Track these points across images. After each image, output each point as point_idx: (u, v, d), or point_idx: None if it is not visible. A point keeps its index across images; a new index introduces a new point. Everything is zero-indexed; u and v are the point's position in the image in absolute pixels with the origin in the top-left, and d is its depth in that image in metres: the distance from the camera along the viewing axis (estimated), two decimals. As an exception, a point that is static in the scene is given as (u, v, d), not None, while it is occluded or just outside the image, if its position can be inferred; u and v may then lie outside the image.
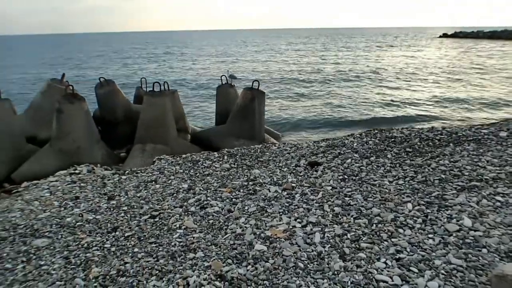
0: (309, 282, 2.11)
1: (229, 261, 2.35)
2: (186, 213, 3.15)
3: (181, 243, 2.64)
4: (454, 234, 2.50)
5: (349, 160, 4.15)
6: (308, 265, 2.28)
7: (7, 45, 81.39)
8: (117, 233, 2.91)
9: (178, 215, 3.12)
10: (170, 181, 4.07)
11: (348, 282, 2.09)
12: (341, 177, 3.68)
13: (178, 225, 2.93)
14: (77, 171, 4.81)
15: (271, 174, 3.96)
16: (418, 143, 4.55)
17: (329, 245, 2.48)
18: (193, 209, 3.22)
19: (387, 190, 3.27)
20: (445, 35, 69.88)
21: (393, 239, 2.50)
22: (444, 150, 4.22)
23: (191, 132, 7.01)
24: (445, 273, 2.11)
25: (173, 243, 2.65)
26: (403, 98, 12.80)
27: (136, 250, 2.61)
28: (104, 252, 2.62)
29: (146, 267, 2.36)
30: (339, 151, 4.57)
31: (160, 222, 3.03)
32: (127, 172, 4.64)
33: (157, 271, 2.31)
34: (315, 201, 3.18)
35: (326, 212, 2.95)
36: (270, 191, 3.46)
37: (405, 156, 4.16)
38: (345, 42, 61.87)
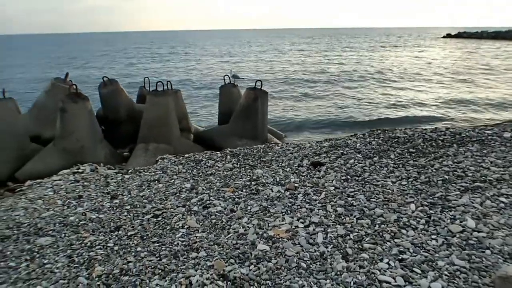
0: (312, 282, 2.11)
1: (232, 260, 2.35)
2: (189, 213, 3.16)
3: (184, 243, 2.64)
4: (457, 235, 2.49)
5: (352, 161, 4.14)
6: (311, 265, 2.28)
7: (8, 44, 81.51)
8: (120, 232, 2.91)
9: (180, 215, 3.12)
10: (173, 180, 4.07)
11: (351, 282, 2.09)
12: (344, 177, 3.67)
13: (180, 225, 2.94)
14: (80, 170, 4.83)
15: (274, 174, 3.95)
16: (422, 144, 4.53)
17: (332, 246, 2.48)
18: (195, 208, 3.23)
19: (390, 191, 3.26)
20: (448, 36, 69.58)
21: (396, 240, 2.49)
22: (447, 151, 4.20)
23: (194, 132, 7.03)
24: (449, 274, 2.11)
25: (175, 243, 2.65)
26: (408, 99, 12.72)
27: (139, 249, 2.61)
28: (107, 251, 2.63)
29: (149, 266, 2.36)
30: (342, 151, 4.56)
31: (163, 222, 3.04)
32: (130, 171, 4.65)
33: (160, 270, 2.31)
34: (317, 201, 3.17)
35: (328, 213, 2.95)
36: (272, 191, 3.45)
37: (408, 156, 4.15)
38: (348, 42, 61.75)
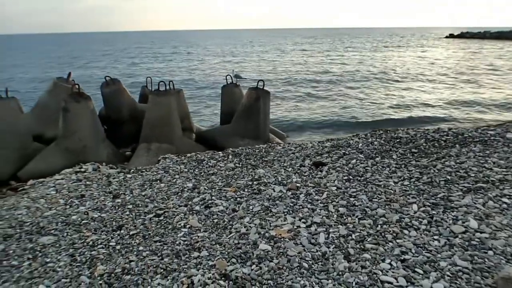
0: (314, 283, 2.10)
1: (234, 260, 2.35)
2: (191, 212, 3.16)
3: (186, 242, 2.64)
4: (459, 236, 2.48)
5: (354, 161, 4.13)
6: (313, 265, 2.27)
7: (8, 44, 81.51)
8: (122, 231, 2.92)
9: (182, 214, 3.12)
10: (175, 180, 4.08)
11: (353, 282, 2.08)
12: (346, 177, 3.67)
13: (182, 224, 2.94)
14: (82, 170, 4.84)
15: (275, 174, 3.95)
16: (424, 144, 4.52)
17: (334, 246, 2.48)
18: (197, 208, 3.23)
19: (392, 191, 3.26)
20: (451, 36, 69.38)
21: (398, 240, 2.49)
22: (450, 151, 4.19)
23: (196, 132, 7.02)
24: (451, 275, 2.10)
25: (177, 242, 2.66)
26: (411, 99, 12.61)
27: (141, 248, 2.62)
28: (109, 250, 2.63)
29: (151, 266, 2.36)
30: (344, 151, 4.56)
31: (165, 221, 3.04)
32: (132, 170, 4.66)
33: (162, 270, 2.31)
34: (319, 201, 3.17)
35: (330, 213, 2.95)
36: (274, 191, 3.45)
37: (411, 157, 4.14)
38: (351, 42, 61.63)
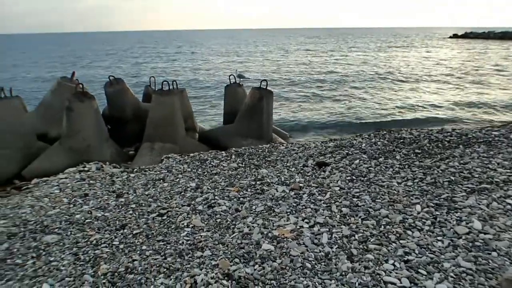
0: (317, 283, 2.10)
1: (237, 260, 2.36)
2: (194, 212, 3.16)
3: (189, 242, 2.65)
4: (463, 237, 2.47)
5: (357, 161, 4.13)
6: (316, 266, 2.27)
7: (10, 44, 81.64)
8: (125, 230, 2.93)
9: (185, 214, 3.13)
10: (178, 179, 4.08)
11: (355, 283, 2.08)
12: (349, 177, 3.66)
13: (185, 224, 2.94)
14: (86, 169, 4.86)
15: (278, 174, 3.95)
16: (427, 145, 4.51)
17: (337, 246, 2.47)
18: (200, 207, 3.23)
19: (396, 192, 3.25)
20: (455, 36, 69.10)
21: (401, 241, 2.48)
22: (453, 152, 4.17)
23: (199, 131, 7.04)
24: (454, 276, 2.09)
25: (180, 241, 2.66)
26: (416, 100, 12.50)
27: (144, 247, 2.63)
28: (112, 249, 2.64)
29: (154, 265, 2.37)
30: (347, 151, 4.55)
31: (168, 220, 3.05)
32: (135, 170, 4.67)
33: (165, 269, 2.32)
34: (322, 201, 3.16)
35: (333, 213, 2.94)
36: (277, 191, 3.45)
37: (414, 157, 4.13)
38: (355, 42, 61.47)
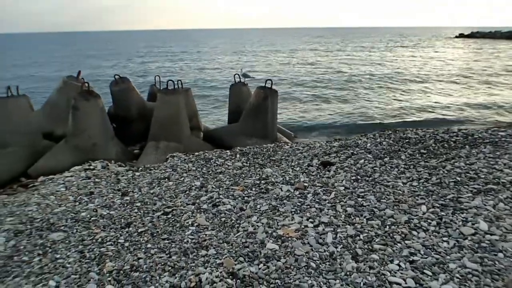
0: (321, 282, 2.10)
1: (241, 259, 2.36)
2: (199, 211, 3.17)
3: (194, 240, 2.66)
4: (469, 238, 2.45)
5: (362, 161, 4.11)
6: (320, 265, 2.27)
7: (13, 43, 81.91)
8: (130, 228, 2.94)
9: (190, 212, 3.14)
10: (183, 178, 4.09)
11: (360, 283, 2.07)
12: (354, 177, 3.65)
13: (190, 222, 2.95)
14: (91, 167, 4.88)
15: (283, 173, 3.95)
16: (433, 145, 4.48)
17: (342, 246, 2.47)
18: (205, 206, 3.24)
19: (401, 192, 3.23)
20: (461, 35, 68.65)
21: (406, 241, 2.47)
22: (459, 152, 4.15)
23: (204, 130, 7.05)
24: (460, 277, 2.08)
25: (185, 240, 2.67)
26: (426, 101, 12.33)
27: (149, 246, 2.64)
28: (117, 247, 2.66)
29: (159, 263, 2.38)
30: (352, 151, 4.54)
31: (173, 219, 3.06)
32: (140, 168, 4.69)
33: (170, 267, 2.33)
34: (327, 201, 3.16)
35: (338, 213, 2.94)
36: (282, 190, 3.45)
37: (420, 157, 4.10)
38: (361, 41, 61.21)
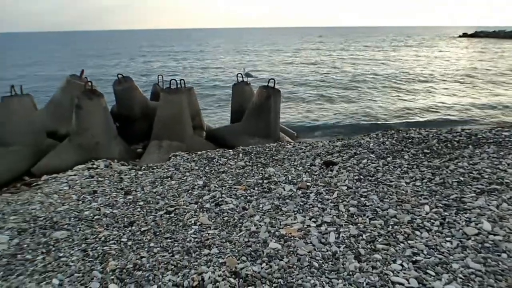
0: (324, 282, 2.10)
1: (244, 258, 2.36)
2: (201, 210, 3.18)
3: (196, 239, 2.66)
4: (472, 238, 2.44)
5: (365, 160, 4.10)
6: (323, 265, 2.27)
7: (15, 43, 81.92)
8: (133, 227, 2.95)
9: (193, 211, 3.14)
10: (186, 177, 4.10)
11: (363, 283, 2.07)
12: (356, 177, 3.65)
13: (193, 221, 2.96)
14: (95, 166, 4.90)
15: (286, 173, 3.95)
16: (436, 144, 4.47)
17: (344, 245, 2.46)
18: (208, 205, 3.25)
19: (404, 192, 3.22)
20: (465, 35, 68.34)
21: (409, 241, 2.46)
22: (463, 152, 4.13)
23: (206, 130, 7.06)
24: (463, 277, 2.07)
25: (188, 239, 2.67)
26: (431, 101, 12.22)
27: (152, 244, 2.64)
28: (120, 246, 2.66)
29: (161, 262, 2.38)
30: (355, 151, 4.53)
31: (176, 218, 3.06)
32: (143, 167, 4.70)
33: (173, 266, 2.33)
34: (330, 200, 3.15)
35: (341, 212, 2.93)
36: (284, 190, 3.45)
37: (423, 157, 4.09)
38: (364, 40, 61.03)
